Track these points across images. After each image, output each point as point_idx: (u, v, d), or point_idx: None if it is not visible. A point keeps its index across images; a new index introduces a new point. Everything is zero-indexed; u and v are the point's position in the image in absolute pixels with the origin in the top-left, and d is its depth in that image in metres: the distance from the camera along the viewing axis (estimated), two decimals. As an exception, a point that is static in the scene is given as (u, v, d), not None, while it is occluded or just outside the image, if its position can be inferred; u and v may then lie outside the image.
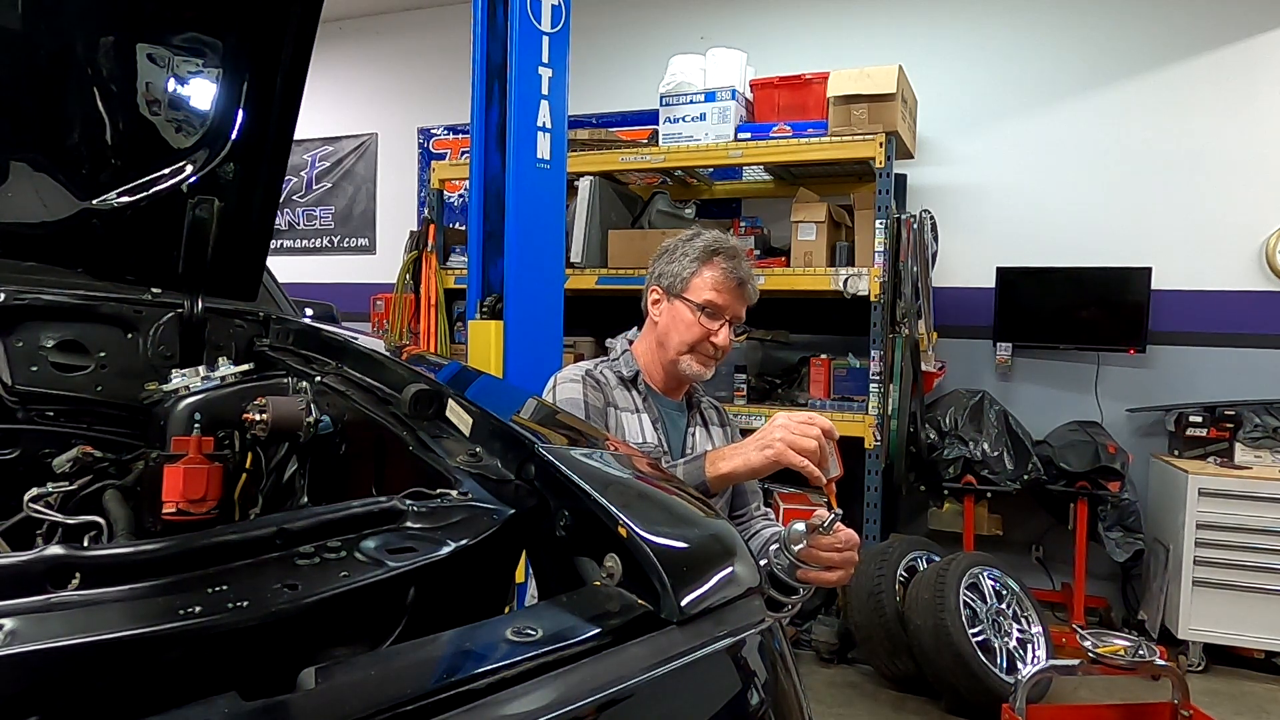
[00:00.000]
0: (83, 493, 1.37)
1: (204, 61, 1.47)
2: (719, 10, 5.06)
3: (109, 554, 0.77)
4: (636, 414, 1.79)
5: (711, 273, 1.77)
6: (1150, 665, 2.68)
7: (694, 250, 1.79)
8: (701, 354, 1.80)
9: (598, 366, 1.84)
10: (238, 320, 1.75)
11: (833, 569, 1.39)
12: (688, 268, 1.78)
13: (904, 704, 3.35)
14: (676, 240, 1.85)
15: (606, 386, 1.79)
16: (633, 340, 1.93)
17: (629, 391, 1.82)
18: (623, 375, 1.82)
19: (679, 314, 1.78)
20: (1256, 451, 3.84)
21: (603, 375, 1.81)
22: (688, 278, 1.78)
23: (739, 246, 1.84)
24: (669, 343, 1.80)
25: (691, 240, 1.81)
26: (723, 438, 1.93)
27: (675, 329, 1.79)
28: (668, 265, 1.81)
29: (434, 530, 0.88)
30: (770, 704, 0.82)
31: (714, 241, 1.80)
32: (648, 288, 1.86)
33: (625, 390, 1.81)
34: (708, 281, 1.77)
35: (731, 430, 1.97)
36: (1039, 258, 4.37)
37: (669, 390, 1.87)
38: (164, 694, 0.63)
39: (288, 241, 6.34)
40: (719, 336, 1.78)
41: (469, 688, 0.63)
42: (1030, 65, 4.50)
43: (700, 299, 1.76)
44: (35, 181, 1.53)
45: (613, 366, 1.85)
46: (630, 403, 1.80)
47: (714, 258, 1.77)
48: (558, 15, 2.72)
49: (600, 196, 4.27)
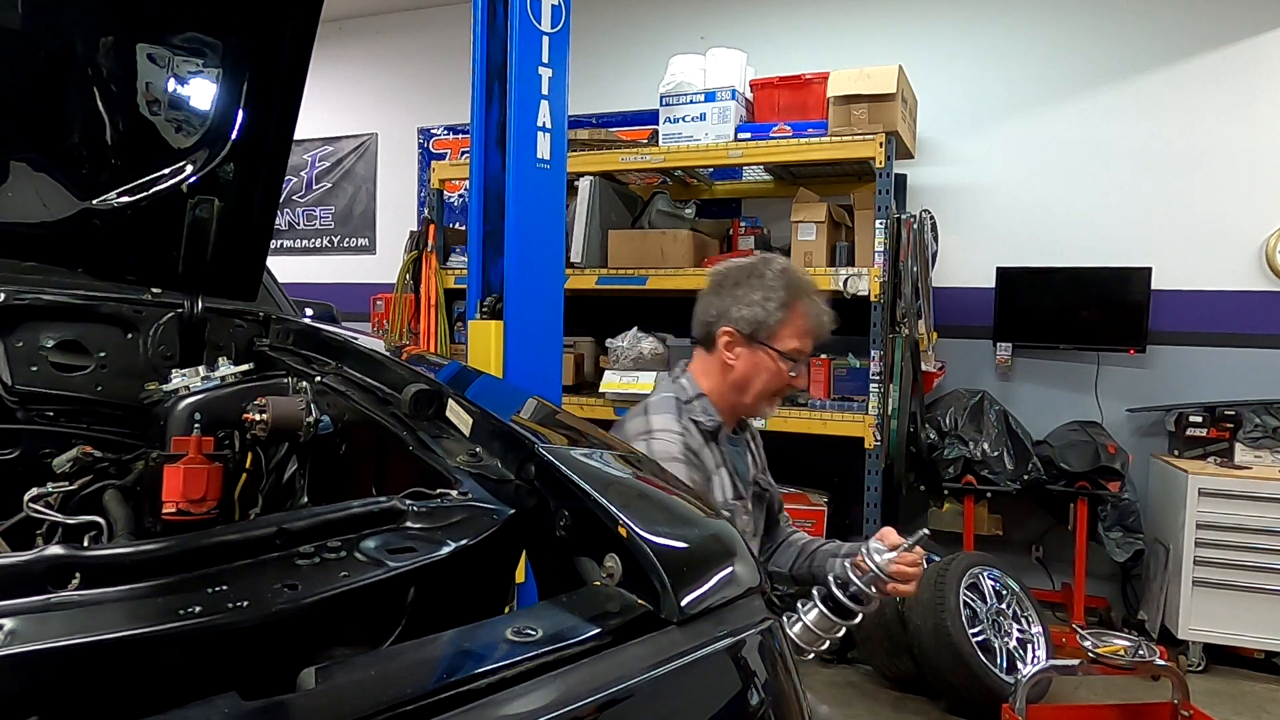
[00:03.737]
0: (83, 493, 1.37)
1: (204, 61, 1.47)
2: (719, 10, 5.06)
3: (109, 554, 0.78)
4: (719, 469, 1.71)
5: (799, 320, 1.68)
6: (1150, 665, 2.68)
7: (775, 294, 1.67)
8: (780, 396, 1.75)
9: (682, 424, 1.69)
10: (238, 320, 1.75)
11: (909, 581, 1.52)
12: (773, 314, 1.67)
13: (904, 704, 3.35)
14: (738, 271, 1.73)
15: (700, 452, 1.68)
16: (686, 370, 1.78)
17: (711, 446, 1.72)
18: (705, 429, 1.71)
19: (762, 362, 1.68)
20: (1256, 451, 3.84)
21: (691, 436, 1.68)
22: (773, 326, 1.67)
23: (809, 278, 1.75)
24: (750, 389, 1.71)
25: (766, 279, 1.69)
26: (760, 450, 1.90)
27: (758, 377, 1.69)
28: (745, 309, 1.68)
29: (434, 530, 0.88)
30: (770, 704, 0.82)
31: (794, 282, 1.69)
32: (714, 322, 1.72)
33: (709, 447, 1.71)
34: (795, 329, 1.68)
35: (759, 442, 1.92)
36: (1039, 258, 4.37)
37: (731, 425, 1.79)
38: (164, 694, 0.63)
39: (288, 241, 6.34)
40: (799, 380, 1.73)
41: (469, 688, 0.63)
42: (1030, 65, 4.50)
43: (787, 348, 1.68)
44: (35, 181, 1.53)
45: (692, 415, 1.71)
46: (714, 459, 1.71)
47: (798, 302, 1.68)
48: (558, 15, 2.72)
49: (600, 196, 4.27)
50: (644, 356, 4.08)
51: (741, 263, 1.76)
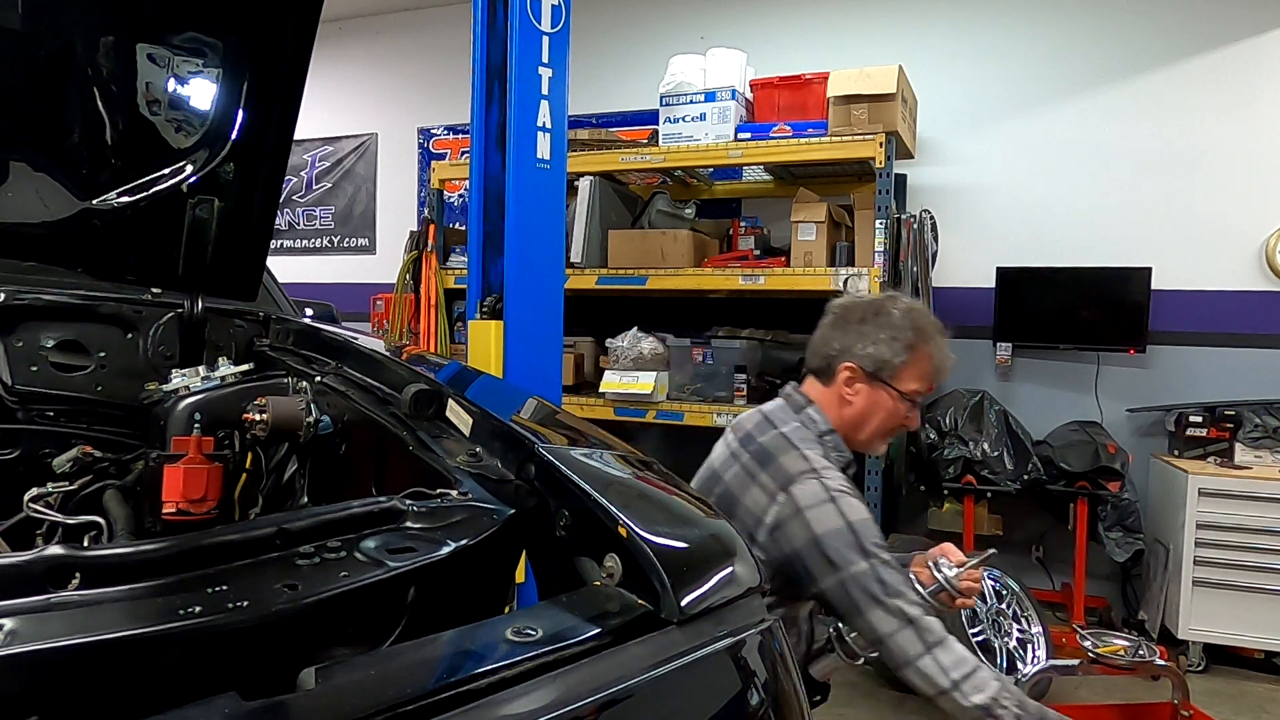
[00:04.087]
0: (83, 493, 1.37)
1: (204, 61, 1.47)
2: (719, 10, 5.06)
3: (109, 554, 0.78)
4: None
5: (923, 363, 1.70)
6: (1150, 665, 2.67)
7: (903, 334, 1.68)
8: (891, 436, 1.77)
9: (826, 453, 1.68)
10: (238, 320, 1.75)
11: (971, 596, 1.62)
12: (898, 355, 1.68)
13: (904, 704, 3.35)
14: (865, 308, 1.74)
15: None
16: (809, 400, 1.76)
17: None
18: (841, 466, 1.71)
19: (882, 401, 1.70)
20: (1256, 451, 3.84)
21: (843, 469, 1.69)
22: (897, 367, 1.68)
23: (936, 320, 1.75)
24: (866, 426, 1.72)
25: (893, 318, 1.70)
26: None
27: (875, 415, 1.71)
28: (871, 346, 1.69)
29: (434, 530, 0.88)
30: (770, 704, 0.82)
31: (922, 324, 1.71)
32: (836, 357, 1.72)
33: None
34: (918, 372, 1.69)
35: None
36: (1039, 258, 4.37)
37: None
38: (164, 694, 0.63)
39: (288, 241, 6.34)
40: (913, 420, 1.74)
41: (469, 688, 0.63)
42: (1030, 65, 4.50)
43: (908, 389, 1.69)
44: (35, 181, 1.53)
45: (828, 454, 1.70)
46: None
47: (925, 344, 1.69)
48: (558, 15, 2.72)
49: (600, 196, 4.27)
50: (644, 356, 4.08)
51: (867, 299, 1.78)
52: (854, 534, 1.52)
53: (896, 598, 1.50)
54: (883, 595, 1.49)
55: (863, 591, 1.50)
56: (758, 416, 1.77)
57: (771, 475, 1.62)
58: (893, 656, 1.50)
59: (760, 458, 1.66)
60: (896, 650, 1.49)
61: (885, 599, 1.49)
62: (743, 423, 1.79)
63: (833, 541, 1.53)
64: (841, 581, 1.52)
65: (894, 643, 1.49)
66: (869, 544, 1.53)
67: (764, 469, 1.64)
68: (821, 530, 1.54)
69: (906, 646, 1.48)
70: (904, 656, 1.49)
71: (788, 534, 1.56)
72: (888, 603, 1.49)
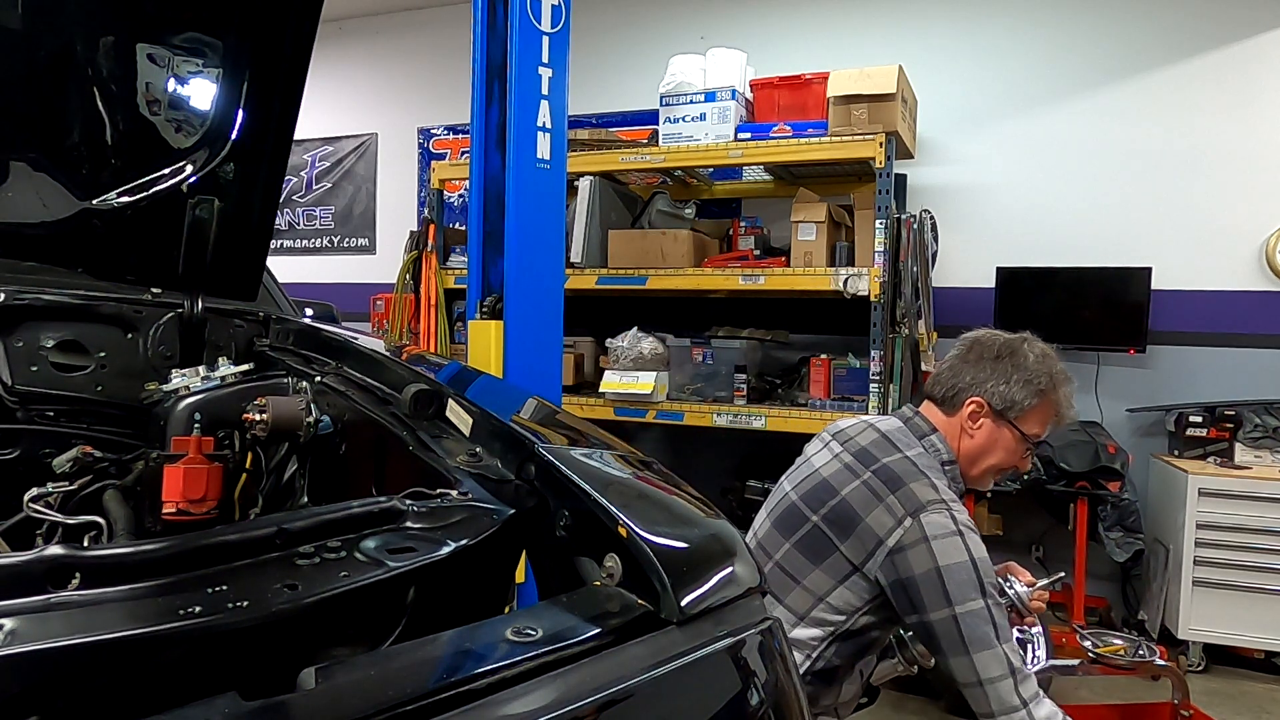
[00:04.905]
0: (83, 493, 1.37)
1: (204, 61, 1.47)
2: (719, 10, 5.06)
3: (109, 554, 0.77)
4: None
5: (1048, 410, 1.72)
6: (1150, 665, 2.67)
7: (1038, 380, 1.71)
8: (1003, 474, 1.79)
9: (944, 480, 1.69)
10: (238, 320, 1.75)
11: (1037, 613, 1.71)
12: (1029, 398, 1.70)
13: (904, 704, 3.35)
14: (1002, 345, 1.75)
15: None
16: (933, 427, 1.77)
17: None
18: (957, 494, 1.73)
19: (1002, 439, 1.72)
20: (1256, 451, 3.84)
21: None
22: (1026, 409, 1.70)
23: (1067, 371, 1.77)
24: (982, 461, 1.74)
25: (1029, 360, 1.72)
26: None
27: (994, 452, 1.73)
28: (1004, 385, 1.71)
29: (434, 530, 0.88)
30: (770, 704, 0.82)
31: (1056, 371, 1.73)
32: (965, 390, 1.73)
33: None
34: (1043, 417, 1.72)
35: None
36: (1039, 258, 4.37)
37: None
38: (164, 694, 0.63)
39: (288, 241, 6.34)
40: (1026, 462, 1.77)
41: (469, 688, 0.63)
42: (1030, 65, 4.50)
43: (1031, 431, 1.72)
44: (35, 181, 1.53)
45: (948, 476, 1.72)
46: None
47: (1054, 393, 1.72)
48: (558, 15, 2.72)
49: (600, 196, 4.26)
50: (644, 356, 4.08)
51: (1002, 337, 1.78)
52: (976, 571, 1.53)
53: (1005, 643, 1.51)
54: (993, 639, 1.50)
55: (973, 631, 1.50)
56: (873, 434, 1.74)
57: (901, 500, 1.60)
58: (986, 703, 1.50)
59: (888, 480, 1.63)
60: (993, 698, 1.49)
61: (995, 643, 1.50)
62: (850, 434, 1.77)
63: (955, 575, 1.52)
64: (955, 617, 1.51)
65: (993, 690, 1.49)
66: (988, 583, 1.53)
67: (893, 492, 1.61)
68: (945, 563, 1.53)
69: (1005, 697, 1.49)
70: (1000, 706, 1.49)
71: (909, 560, 1.55)
72: (997, 648, 1.50)
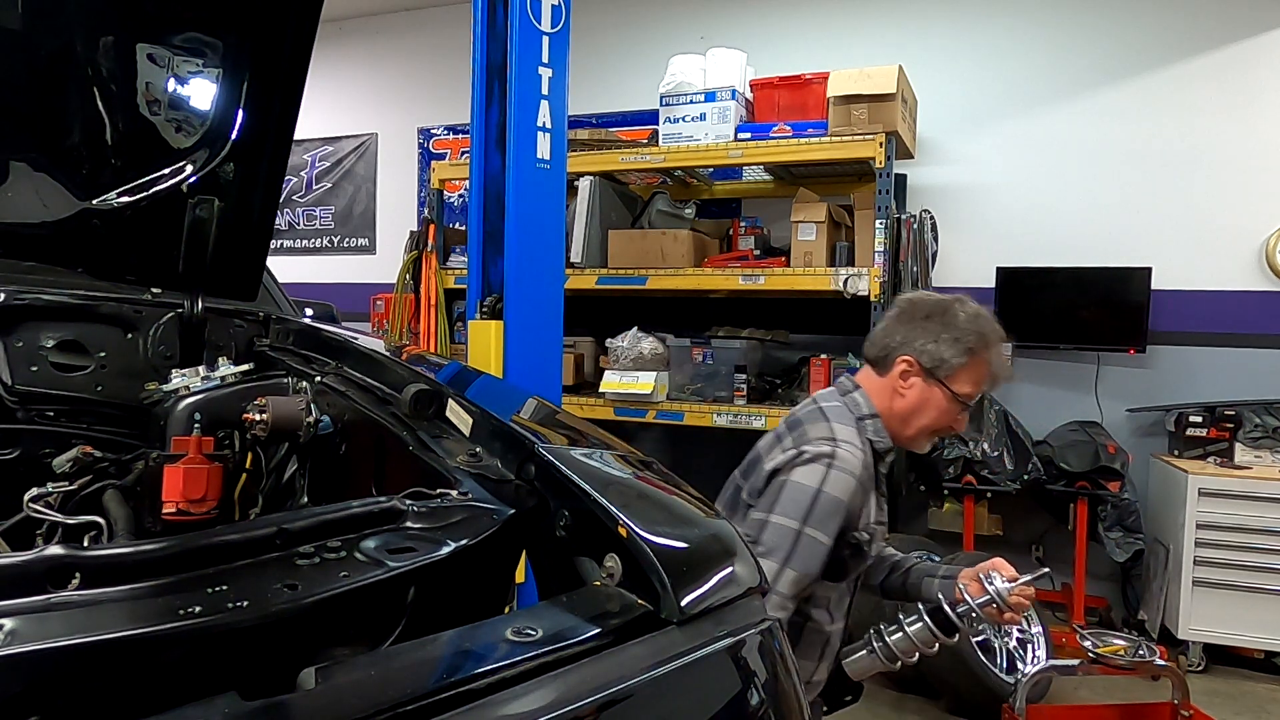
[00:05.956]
0: (83, 493, 1.37)
1: (204, 61, 1.47)
2: (719, 10, 5.06)
3: (109, 554, 0.77)
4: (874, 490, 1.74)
5: (979, 369, 1.71)
6: (1150, 665, 2.68)
7: (966, 337, 1.69)
8: (938, 435, 1.79)
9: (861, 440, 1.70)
10: (238, 320, 1.75)
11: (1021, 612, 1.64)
12: (957, 356, 1.69)
13: (904, 704, 3.35)
14: (933, 305, 1.75)
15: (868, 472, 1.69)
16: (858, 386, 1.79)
17: (877, 467, 1.74)
18: (877, 449, 1.74)
19: (933, 399, 1.71)
20: (1256, 451, 3.84)
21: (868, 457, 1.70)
22: (955, 367, 1.69)
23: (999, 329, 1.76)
24: (914, 422, 1.74)
25: (959, 319, 1.71)
26: None
27: (925, 412, 1.72)
28: (932, 343, 1.70)
29: (434, 530, 0.88)
30: (770, 704, 0.82)
31: (986, 330, 1.72)
32: (895, 349, 1.74)
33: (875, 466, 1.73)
34: (974, 376, 1.71)
35: None
36: (1039, 258, 4.37)
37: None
38: (164, 694, 0.63)
39: (288, 241, 6.34)
40: (961, 423, 1.76)
41: (469, 688, 0.63)
42: (1030, 65, 4.50)
43: (962, 391, 1.70)
44: (35, 181, 1.53)
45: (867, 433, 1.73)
46: (873, 480, 1.73)
47: (986, 350, 1.71)
48: (558, 15, 2.72)
49: (600, 196, 4.27)
50: (644, 356, 4.08)
51: (934, 297, 1.79)
52: (814, 503, 1.56)
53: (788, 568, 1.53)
54: (782, 557, 1.53)
55: (771, 539, 1.55)
56: (810, 405, 1.80)
57: (795, 437, 1.67)
58: None
59: (791, 425, 1.72)
60: None
61: (780, 563, 1.53)
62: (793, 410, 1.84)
63: (794, 493, 1.57)
64: (767, 521, 1.57)
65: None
66: (815, 519, 1.55)
67: (791, 433, 1.69)
68: (797, 479, 1.58)
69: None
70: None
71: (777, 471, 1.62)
72: (778, 567, 1.53)
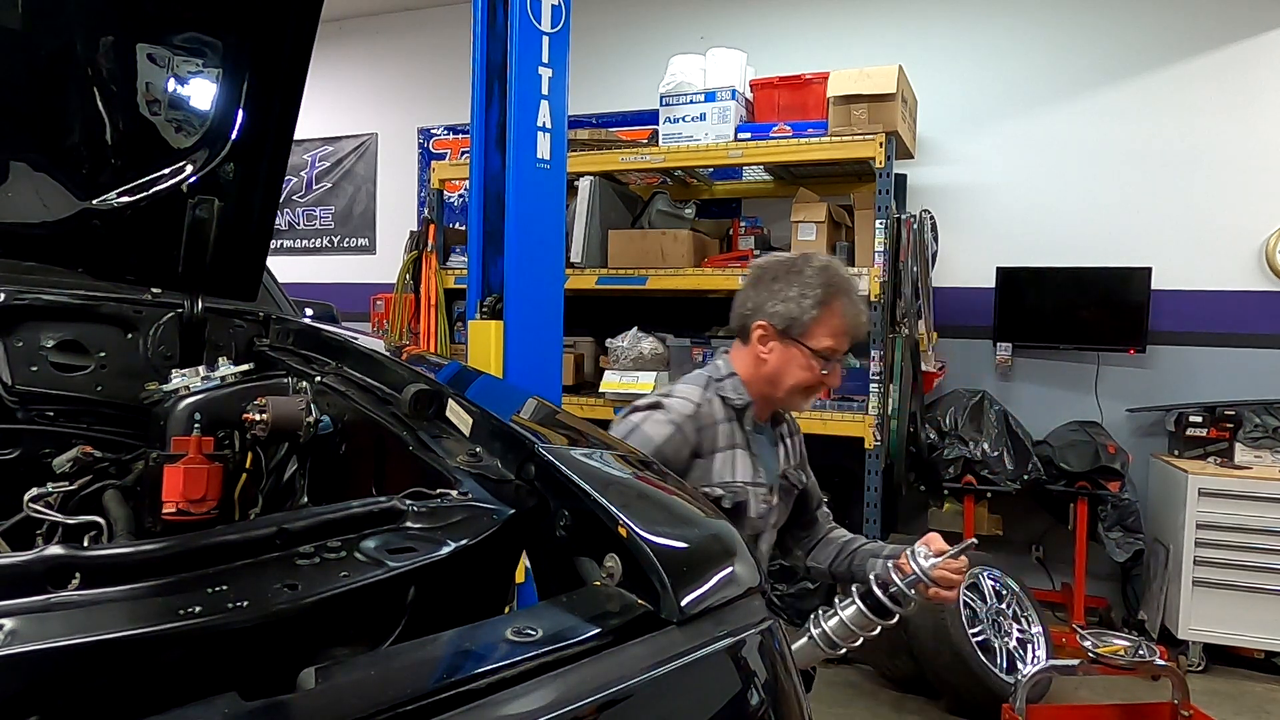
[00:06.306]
0: (83, 493, 1.37)
1: (204, 61, 1.47)
2: (719, 10, 5.06)
3: (109, 554, 0.77)
4: (735, 450, 1.71)
5: (834, 320, 1.67)
6: (1150, 665, 2.68)
7: (812, 291, 1.66)
8: (813, 392, 1.76)
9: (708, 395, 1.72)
10: (238, 320, 1.75)
11: (951, 588, 1.57)
12: (807, 312, 1.66)
13: (904, 704, 3.35)
14: (779, 266, 1.72)
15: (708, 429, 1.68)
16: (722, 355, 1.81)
17: (733, 425, 1.73)
18: (733, 405, 1.73)
19: (794, 358, 1.69)
20: (1256, 451, 3.84)
21: (712, 411, 1.70)
22: (807, 323, 1.66)
23: (850, 277, 1.73)
24: (780, 383, 1.71)
25: (804, 275, 1.68)
26: (797, 445, 1.90)
27: (789, 373, 1.70)
28: (781, 304, 1.68)
29: (434, 530, 0.88)
30: (770, 704, 0.82)
31: (833, 281, 1.68)
32: (750, 316, 1.73)
33: (730, 424, 1.72)
34: (829, 328, 1.67)
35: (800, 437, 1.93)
36: (1039, 258, 4.37)
37: (762, 415, 1.81)
38: (164, 694, 0.63)
39: (288, 241, 6.34)
40: (833, 378, 1.72)
41: (469, 688, 0.63)
42: (1030, 65, 4.50)
43: (820, 346, 1.67)
44: (35, 181, 1.53)
45: (721, 392, 1.74)
46: (731, 438, 1.72)
47: (835, 301, 1.67)
48: (558, 15, 2.72)
49: (600, 196, 4.27)
50: (644, 356, 4.08)
51: (782, 257, 1.76)
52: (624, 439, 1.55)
53: None
54: None
55: None
56: None
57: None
58: None
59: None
60: None
61: None
62: None
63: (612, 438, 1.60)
64: None
65: None
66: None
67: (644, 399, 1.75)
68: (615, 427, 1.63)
69: None
70: None
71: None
72: None
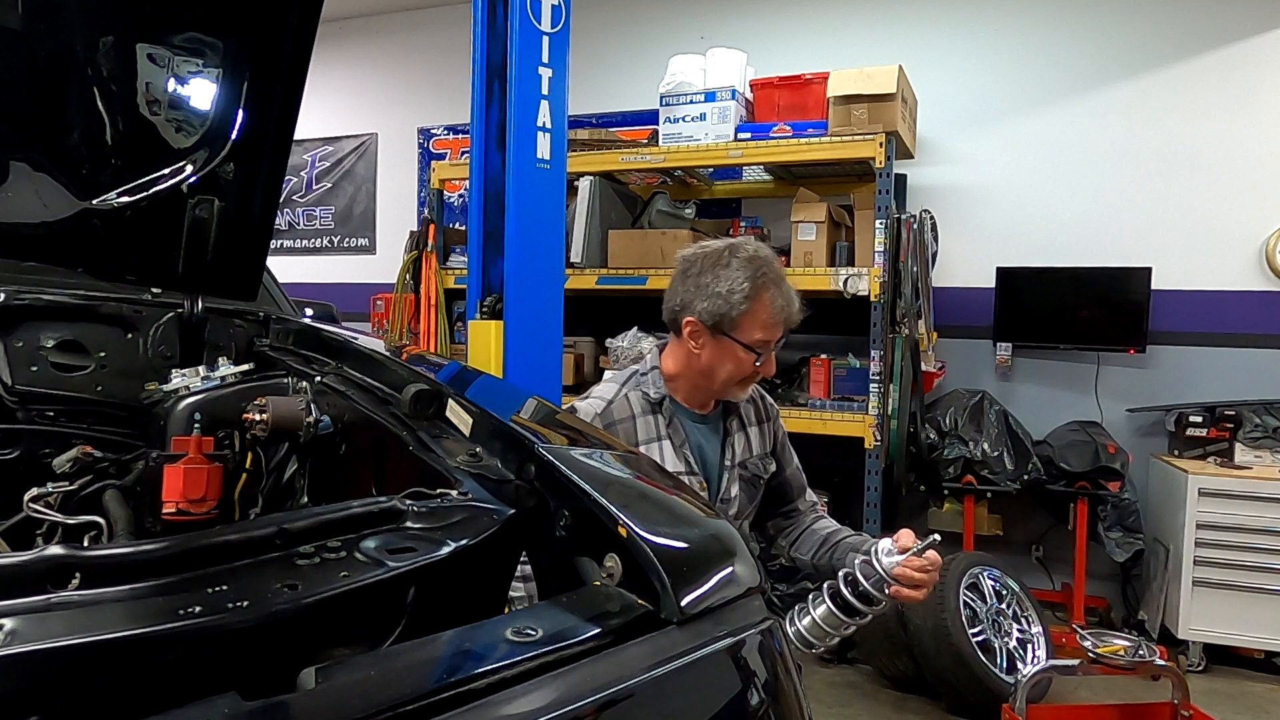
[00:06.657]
0: (83, 493, 1.37)
1: (204, 61, 1.47)
2: (719, 10, 5.06)
3: (109, 554, 0.77)
4: (658, 442, 1.72)
5: (764, 313, 1.64)
6: (1150, 665, 2.68)
7: (740, 285, 1.63)
8: (749, 383, 1.75)
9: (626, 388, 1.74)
10: (238, 320, 1.75)
11: (919, 587, 1.49)
12: (736, 307, 1.63)
13: (904, 704, 3.35)
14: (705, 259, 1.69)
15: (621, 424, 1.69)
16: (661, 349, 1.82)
17: (652, 418, 1.73)
18: (650, 399, 1.74)
19: (727, 351, 1.67)
20: (1256, 451, 3.84)
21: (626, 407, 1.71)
22: (736, 318, 1.64)
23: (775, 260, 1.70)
24: (715, 376, 1.70)
25: (731, 268, 1.65)
26: (764, 435, 1.87)
27: (722, 366, 1.69)
28: (708, 300, 1.65)
29: (434, 530, 0.88)
30: (770, 704, 0.82)
31: (760, 272, 1.64)
32: (679, 312, 1.71)
33: (649, 417, 1.73)
34: (759, 321, 1.65)
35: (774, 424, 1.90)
36: (1039, 258, 4.37)
37: (703, 406, 1.79)
38: (164, 694, 0.63)
39: (288, 241, 6.34)
40: (767, 367, 1.71)
41: (469, 688, 0.63)
42: (1030, 65, 4.50)
43: (752, 339, 1.65)
44: (35, 181, 1.52)
45: (642, 386, 1.76)
46: (651, 431, 1.72)
47: (763, 293, 1.64)
48: (558, 15, 2.72)
49: (600, 196, 4.27)
50: (644, 356, 4.07)
51: (709, 249, 1.72)
52: None
53: None
54: None
55: None
56: None
57: None
58: None
59: None
60: None
61: None
62: None
63: None
64: None
65: None
66: None
67: None
68: None
69: None
70: None
71: None
72: None
